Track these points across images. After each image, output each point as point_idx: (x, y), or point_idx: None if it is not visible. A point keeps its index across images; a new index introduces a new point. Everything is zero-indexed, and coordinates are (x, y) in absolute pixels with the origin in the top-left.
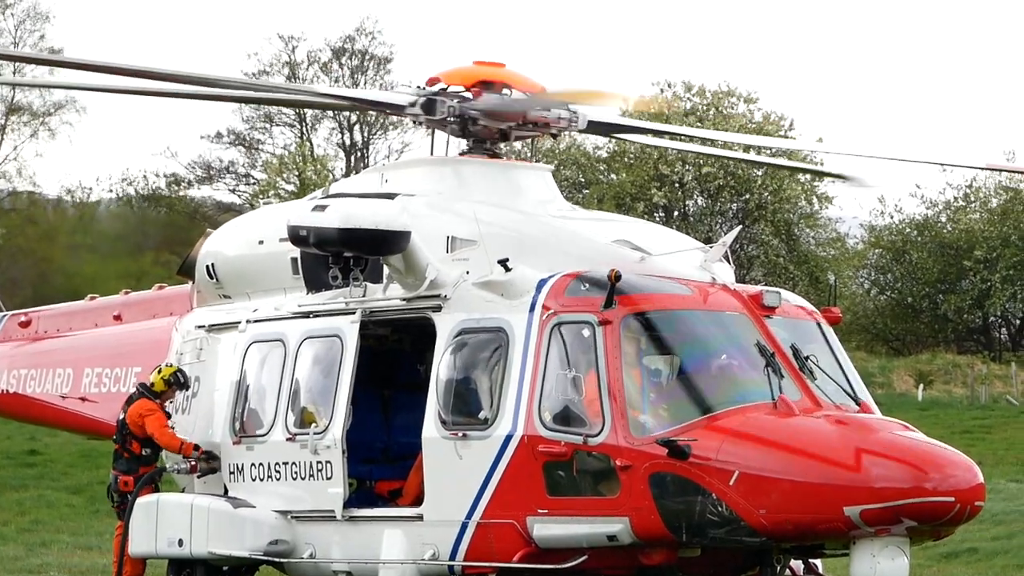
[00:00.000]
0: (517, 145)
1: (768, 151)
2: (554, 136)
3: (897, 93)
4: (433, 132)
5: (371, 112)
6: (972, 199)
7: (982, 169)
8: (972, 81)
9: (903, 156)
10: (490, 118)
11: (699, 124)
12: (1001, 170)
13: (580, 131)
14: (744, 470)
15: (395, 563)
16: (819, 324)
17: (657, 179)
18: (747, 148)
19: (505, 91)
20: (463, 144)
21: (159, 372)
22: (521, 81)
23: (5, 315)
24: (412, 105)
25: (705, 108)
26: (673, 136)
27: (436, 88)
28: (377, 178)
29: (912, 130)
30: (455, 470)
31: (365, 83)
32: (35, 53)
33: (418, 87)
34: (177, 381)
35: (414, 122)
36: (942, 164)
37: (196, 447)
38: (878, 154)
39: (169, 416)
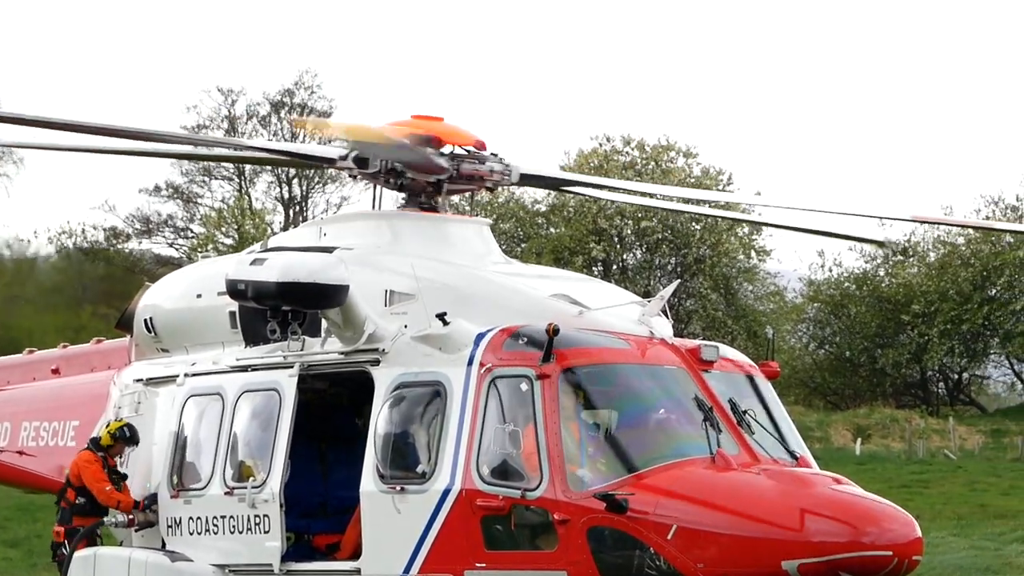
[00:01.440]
0: (455, 199)
1: (708, 203)
2: (489, 190)
3: (835, 148)
4: (376, 186)
5: (307, 166)
6: (910, 253)
7: (919, 222)
8: (911, 136)
9: (840, 210)
10: (416, 171)
11: (638, 178)
12: (934, 223)
13: (512, 184)
14: (682, 524)
15: None
16: (757, 378)
17: (595, 233)
18: (687, 201)
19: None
20: (401, 198)
21: (107, 426)
22: (459, 134)
23: None
24: (343, 159)
25: (644, 162)
26: (610, 189)
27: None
28: (315, 232)
29: (850, 183)
30: (393, 524)
31: (304, 137)
32: None
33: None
34: (123, 436)
35: (350, 175)
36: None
37: (137, 503)
38: (815, 206)
39: (124, 477)
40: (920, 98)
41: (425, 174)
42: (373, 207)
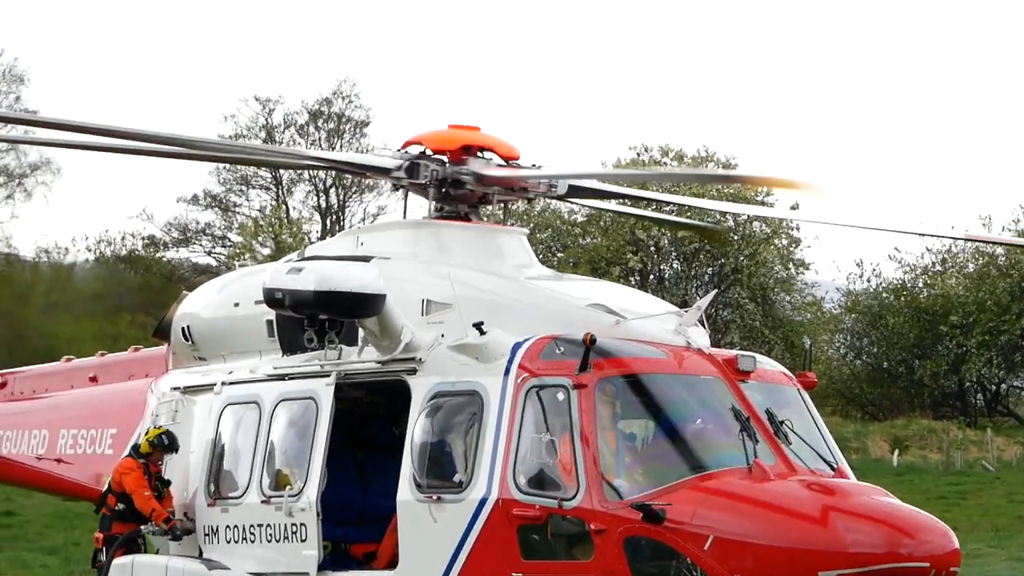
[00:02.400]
0: (491, 208)
1: (746, 216)
2: (530, 200)
3: (876, 158)
4: (407, 195)
5: (349, 175)
6: (949, 264)
7: (960, 239)
8: (950, 145)
9: (880, 225)
10: (479, 183)
11: (675, 189)
12: (978, 240)
13: (558, 197)
14: (719, 534)
15: None
16: (794, 389)
17: (632, 243)
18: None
19: (486, 155)
20: (438, 207)
21: (146, 433)
22: (498, 144)
23: None
24: (397, 169)
25: None
26: (654, 203)
27: (417, 152)
28: (353, 241)
29: (891, 194)
30: (430, 533)
31: (341, 146)
32: (8, 112)
33: (398, 151)
34: (161, 443)
35: (394, 186)
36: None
37: (168, 519)
38: (854, 221)
39: (167, 483)
40: (962, 107)
41: (486, 186)
42: (404, 216)
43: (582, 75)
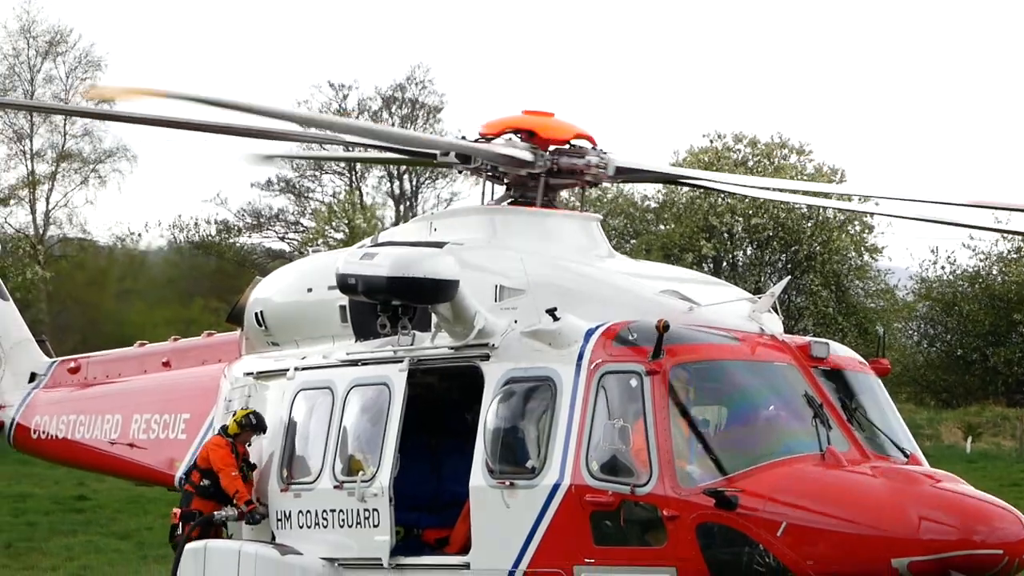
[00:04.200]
0: (564, 194)
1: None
2: (591, 185)
3: (952, 144)
4: (484, 182)
5: (410, 162)
6: None
7: None
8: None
9: (953, 214)
10: (505, 165)
11: (749, 175)
12: None
13: (610, 178)
14: (792, 521)
15: None
16: (868, 375)
17: (706, 230)
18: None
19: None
20: (510, 193)
21: (235, 415)
22: (558, 128)
23: (55, 361)
24: (445, 154)
25: (756, 159)
26: (711, 181)
27: (524, 141)
28: (426, 227)
29: (966, 180)
30: (502, 519)
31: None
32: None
33: (482, 136)
34: (250, 423)
35: (456, 170)
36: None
37: (249, 501)
38: (929, 211)
39: (253, 467)
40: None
41: (515, 168)
42: (483, 202)
43: (656, 61)
